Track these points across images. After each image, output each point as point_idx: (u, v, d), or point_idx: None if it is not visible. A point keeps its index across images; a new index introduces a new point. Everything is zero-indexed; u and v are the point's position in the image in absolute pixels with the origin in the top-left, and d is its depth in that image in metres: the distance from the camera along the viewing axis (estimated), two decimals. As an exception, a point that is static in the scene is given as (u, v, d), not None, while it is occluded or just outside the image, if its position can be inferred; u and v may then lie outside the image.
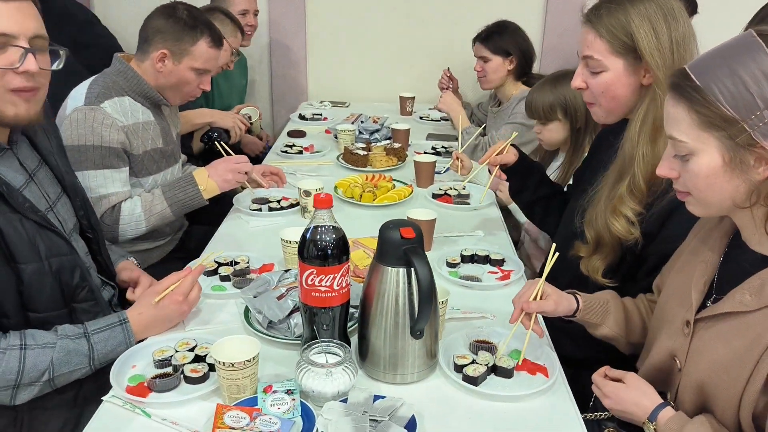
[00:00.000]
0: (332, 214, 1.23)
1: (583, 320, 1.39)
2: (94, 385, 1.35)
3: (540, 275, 1.35)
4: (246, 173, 2.05)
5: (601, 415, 1.29)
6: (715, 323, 1.13)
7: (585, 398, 1.32)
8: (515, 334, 1.32)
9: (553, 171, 2.34)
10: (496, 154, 1.83)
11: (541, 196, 1.92)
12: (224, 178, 1.99)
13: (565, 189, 2.07)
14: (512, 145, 1.87)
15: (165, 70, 1.99)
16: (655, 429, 1.17)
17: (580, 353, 1.45)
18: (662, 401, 1.18)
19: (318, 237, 1.21)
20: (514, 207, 2.33)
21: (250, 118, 2.86)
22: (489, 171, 1.89)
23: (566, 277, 1.52)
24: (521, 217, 2.32)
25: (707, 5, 3.13)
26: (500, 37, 2.83)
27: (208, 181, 1.97)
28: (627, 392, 1.21)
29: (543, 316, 1.45)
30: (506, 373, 1.29)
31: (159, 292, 1.41)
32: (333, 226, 1.22)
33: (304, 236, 1.22)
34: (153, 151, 2.03)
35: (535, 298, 1.31)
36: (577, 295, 1.39)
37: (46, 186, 1.45)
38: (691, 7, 3.07)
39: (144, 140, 2.00)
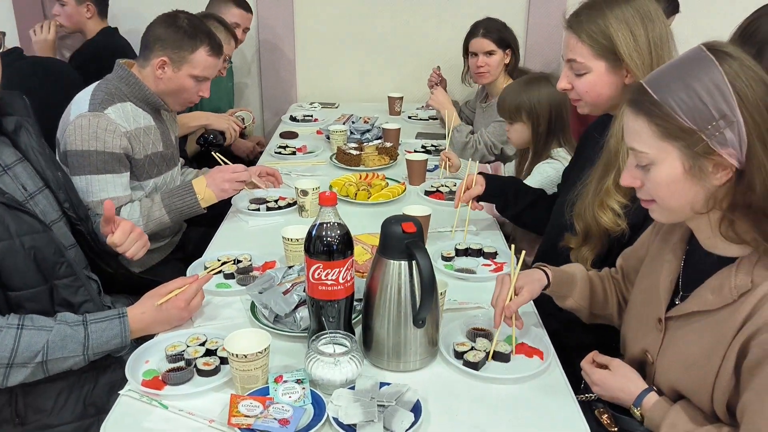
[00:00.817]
0: (337, 211, 1.29)
1: (552, 291, 1.47)
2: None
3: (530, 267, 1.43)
4: (243, 181, 2.10)
5: (591, 396, 1.36)
6: (686, 321, 1.20)
7: (576, 380, 1.39)
8: (501, 329, 1.40)
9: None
10: (465, 192, 1.91)
11: (524, 206, 1.98)
12: (222, 188, 2.03)
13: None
14: (478, 173, 1.94)
15: (165, 77, 2.03)
16: (641, 414, 1.24)
17: (572, 339, 1.53)
18: (646, 387, 1.26)
19: (324, 233, 1.27)
20: None
21: (243, 120, 2.90)
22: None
23: (562, 261, 1.59)
24: None
25: (689, 4, 3.21)
26: (501, 31, 2.89)
27: (206, 190, 2.01)
28: (613, 379, 1.29)
29: (537, 305, 1.54)
30: (504, 358, 1.36)
31: (163, 295, 1.46)
32: (338, 223, 1.28)
33: (310, 233, 1.28)
34: (154, 155, 2.08)
35: (511, 298, 1.39)
36: (546, 270, 1.46)
37: (23, 179, 1.51)
38: (672, 6, 3.15)
39: (145, 145, 2.04)
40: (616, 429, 1.29)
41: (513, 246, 1.48)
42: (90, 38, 3.19)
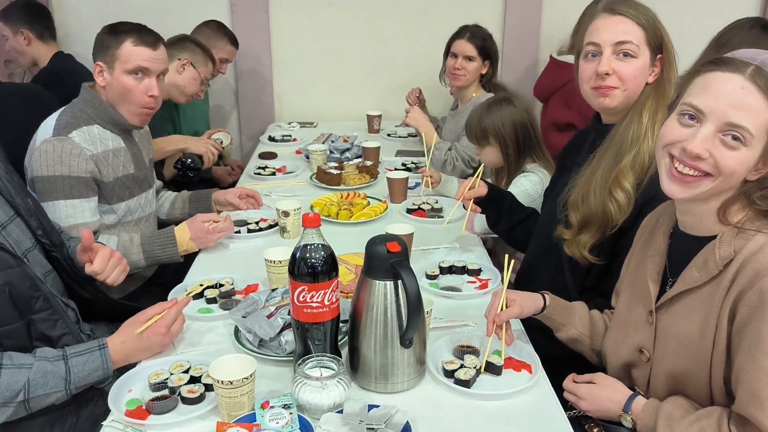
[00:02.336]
0: (320, 233, 1.28)
1: (550, 318, 1.48)
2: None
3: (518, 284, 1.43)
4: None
5: (579, 412, 1.36)
6: (675, 304, 1.24)
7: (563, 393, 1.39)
8: (492, 341, 1.40)
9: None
10: (468, 189, 1.90)
11: (517, 220, 1.99)
12: (206, 243, 1.99)
13: None
14: (481, 179, 1.95)
15: (106, 84, 1.98)
16: (632, 419, 1.25)
17: (558, 351, 1.52)
18: (632, 392, 1.28)
19: (308, 255, 1.26)
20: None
21: (221, 142, 2.89)
22: (464, 207, 1.95)
23: (548, 267, 1.62)
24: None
25: (670, 21, 3.27)
26: (486, 41, 2.92)
27: (189, 242, 1.97)
28: (600, 390, 1.31)
29: (523, 319, 1.53)
30: (496, 370, 1.36)
31: (142, 322, 1.43)
32: (322, 244, 1.27)
33: (294, 255, 1.27)
34: (125, 177, 2.04)
35: (503, 308, 1.40)
36: (545, 294, 1.48)
37: None
38: None
39: (114, 167, 2.01)
40: (608, 442, 1.29)
41: (507, 256, 1.47)
42: (43, 66, 3.13)
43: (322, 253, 1.27)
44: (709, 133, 1.12)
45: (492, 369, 1.37)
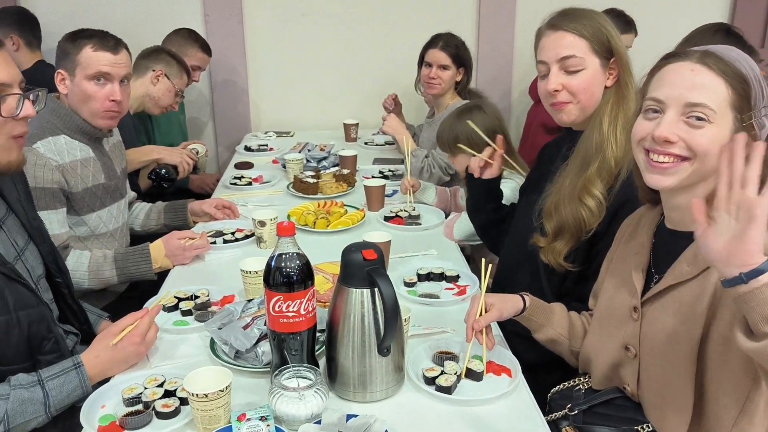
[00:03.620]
0: (295, 241, 1.27)
1: (529, 319, 1.47)
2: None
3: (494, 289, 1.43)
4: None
5: (556, 415, 1.36)
6: (660, 299, 1.24)
7: (542, 399, 1.39)
8: (472, 347, 1.40)
9: None
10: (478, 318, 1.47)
11: (496, 219, 1.99)
12: (181, 260, 1.95)
13: None
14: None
15: (69, 91, 1.95)
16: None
17: (535, 356, 1.52)
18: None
19: (283, 264, 1.24)
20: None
21: (197, 152, 2.86)
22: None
23: (525, 273, 1.62)
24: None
25: (643, 26, 3.33)
26: (459, 49, 2.92)
27: (164, 259, 1.94)
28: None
29: (501, 324, 1.53)
30: (477, 376, 1.36)
31: (115, 334, 1.40)
32: (297, 253, 1.26)
33: (269, 264, 1.26)
34: (95, 187, 2.01)
35: (481, 313, 1.39)
36: (525, 296, 1.47)
37: (14, 234, 1.44)
38: (623, 21, 3.22)
39: (83, 177, 1.97)
40: (584, 442, 1.29)
41: (484, 260, 1.47)
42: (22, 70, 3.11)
43: (297, 262, 1.25)
44: (672, 118, 1.16)
45: (472, 375, 1.37)
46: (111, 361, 1.38)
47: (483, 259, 1.47)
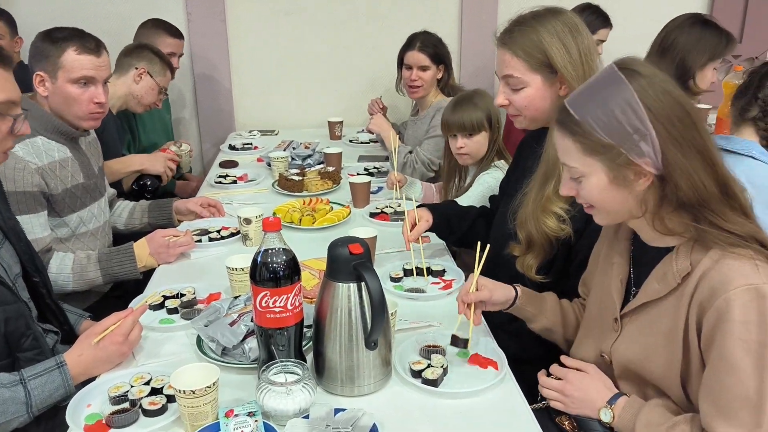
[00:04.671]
0: (282, 237, 1.27)
1: (522, 309, 1.49)
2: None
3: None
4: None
5: (547, 403, 1.37)
6: (638, 315, 1.25)
7: (531, 392, 1.40)
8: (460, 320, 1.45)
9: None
10: (411, 230, 1.82)
11: (467, 228, 1.97)
12: (166, 259, 1.94)
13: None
14: (418, 206, 1.90)
15: (49, 93, 1.93)
16: (612, 412, 1.24)
17: (524, 351, 1.53)
18: (618, 391, 1.28)
19: (269, 260, 1.24)
20: None
21: (182, 147, 2.83)
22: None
23: (504, 277, 1.60)
24: None
25: (617, 20, 3.35)
26: (437, 47, 2.93)
27: (149, 258, 1.92)
28: (590, 380, 1.31)
29: (486, 318, 1.54)
30: (460, 344, 1.41)
31: (98, 333, 1.39)
32: (283, 248, 1.26)
33: (255, 260, 1.25)
34: (74, 187, 1.99)
35: (474, 291, 1.43)
36: (517, 287, 1.49)
37: None
38: (602, 19, 3.25)
39: (63, 178, 1.95)
40: (579, 432, 1.30)
41: (479, 243, 1.49)
42: None
43: (284, 257, 1.25)
44: (564, 176, 1.25)
45: (456, 342, 1.41)
46: (94, 360, 1.37)
47: (479, 242, 1.49)
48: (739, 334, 1.06)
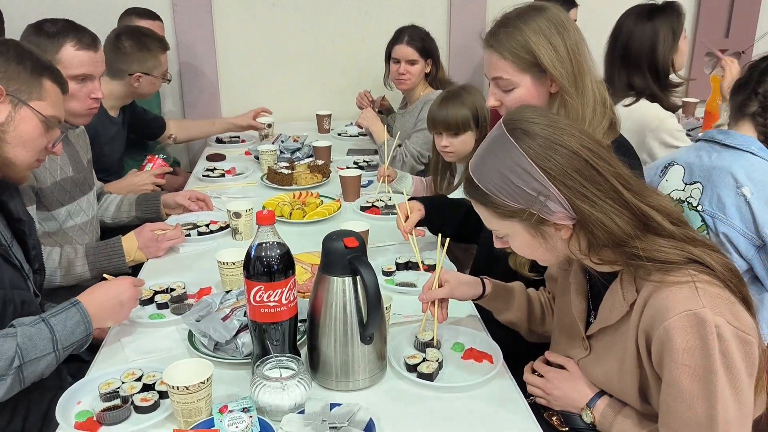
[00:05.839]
0: (275, 230, 1.25)
1: (490, 304, 1.50)
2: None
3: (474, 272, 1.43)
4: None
5: (534, 398, 1.37)
6: (600, 338, 1.25)
7: (524, 385, 1.39)
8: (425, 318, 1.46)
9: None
10: (405, 221, 1.84)
11: (459, 220, 1.96)
12: (155, 253, 1.92)
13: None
14: (409, 199, 1.91)
15: None
16: (592, 414, 1.26)
17: (519, 344, 1.53)
18: (600, 390, 1.28)
19: (263, 253, 1.22)
20: None
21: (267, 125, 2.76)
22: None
23: (497, 274, 1.60)
24: None
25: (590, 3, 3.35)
26: (425, 41, 2.92)
27: (137, 252, 1.90)
28: (570, 380, 1.30)
29: (480, 312, 1.54)
30: (427, 344, 1.41)
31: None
32: (277, 242, 1.24)
33: (249, 254, 1.24)
34: (63, 180, 1.96)
35: (435, 288, 1.44)
36: (485, 280, 1.49)
37: (2, 228, 1.45)
38: (568, 2, 3.25)
39: (52, 171, 1.92)
40: (567, 429, 1.30)
41: (440, 235, 1.49)
42: None
43: (278, 251, 1.24)
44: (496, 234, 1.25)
45: (422, 347, 1.41)
46: (105, 296, 1.41)
47: (439, 234, 1.49)
48: (682, 361, 1.04)
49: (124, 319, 1.49)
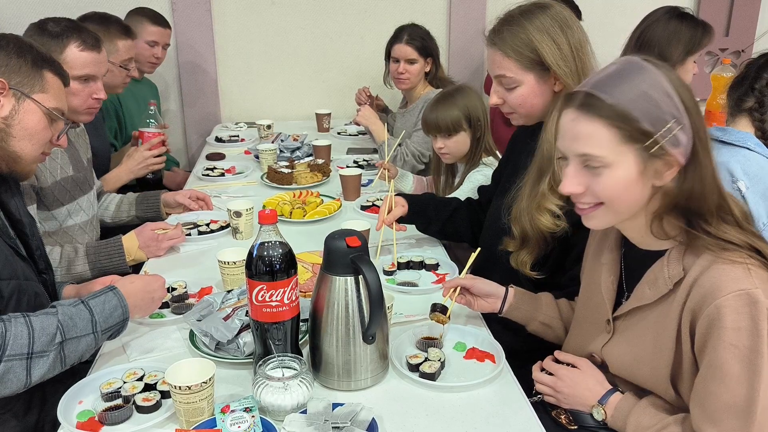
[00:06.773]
0: (278, 229, 1.25)
1: (517, 310, 1.48)
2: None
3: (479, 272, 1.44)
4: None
5: (541, 396, 1.37)
6: (630, 319, 1.24)
7: (526, 384, 1.39)
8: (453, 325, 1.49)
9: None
10: (388, 213, 1.84)
11: (445, 218, 1.95)
12: (156, 252, 1.91)
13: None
14: (396, 195, 1.91)
15: None
16: (604, 411, 1.25)
17: (521, 345, 1.53)
18: (612, 387, 1.27)
19: (265, 253, 1.22)
20: None
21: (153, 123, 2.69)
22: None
23: (496, 273, 1.60)
24: None
25: (590, 11, 3.34)
26: (425, 40, 2.91)
27: (138, 252, 1.89)
28: (581, 376, 1.30)
29: (484, 315, 1.54)
30: (440, 308, 1.42)
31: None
32: (279, 241, 1.24)
33: (251, 253, 1.23)
34: (63, 180, 1.96)
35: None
36: (511, 287, 1.49)
37: (6, 225, 1.45)
38: (575, 13, 3.25)
39: (52, 170, 1.92)
40: (575, 427, 1.29)
41: (477, 250, 1.52)
42: None
43: (280, 250, 1.23)
44: (572, 170, 1.15)
45: (435, 308, 1.43)
46: (142, 288, 1.43)
47: (479, 249, 1.52)
48: (730, 341, 1.04)
49: (148, 315, 1.50)
